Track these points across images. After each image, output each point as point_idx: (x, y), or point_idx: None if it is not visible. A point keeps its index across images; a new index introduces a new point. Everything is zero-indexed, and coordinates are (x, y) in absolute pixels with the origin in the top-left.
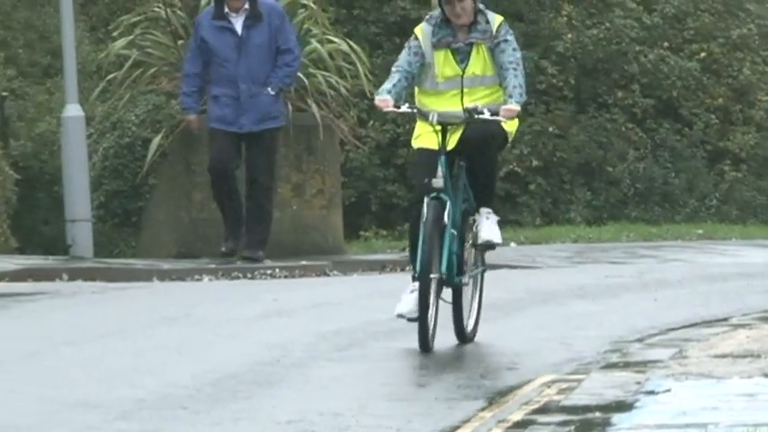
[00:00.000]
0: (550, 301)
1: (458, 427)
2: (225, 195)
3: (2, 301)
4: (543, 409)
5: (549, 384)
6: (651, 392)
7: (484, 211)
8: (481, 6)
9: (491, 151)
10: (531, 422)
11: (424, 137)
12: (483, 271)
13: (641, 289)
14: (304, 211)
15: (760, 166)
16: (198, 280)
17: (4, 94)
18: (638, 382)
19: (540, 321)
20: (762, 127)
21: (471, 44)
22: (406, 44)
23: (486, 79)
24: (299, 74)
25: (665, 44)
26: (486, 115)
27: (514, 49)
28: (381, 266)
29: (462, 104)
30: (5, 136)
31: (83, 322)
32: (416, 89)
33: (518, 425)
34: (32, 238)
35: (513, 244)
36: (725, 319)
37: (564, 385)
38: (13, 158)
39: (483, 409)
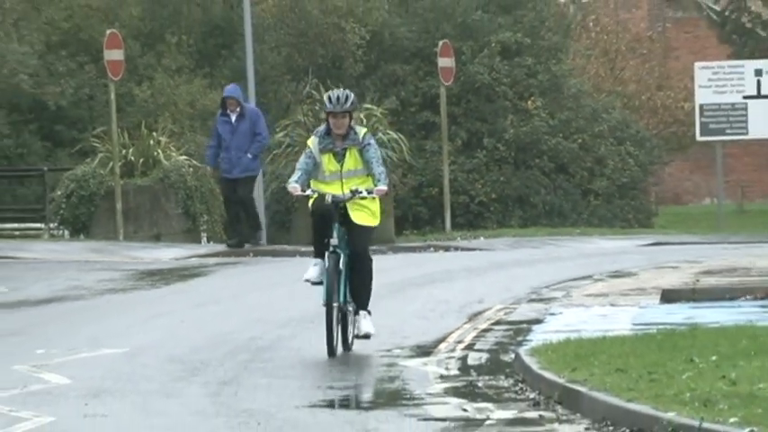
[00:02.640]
0: (501, 268)
1: (452, 332)
2: (232, 210)
3: (218, 267)
4: (497, 323)
5: (500, 310)
6: (552, 314)
7: (362, 313)
8: (352, 123)
9: (370, 274)
10: (491, 329)
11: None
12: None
13: (548, 261)
14: None
15: (609, 198)
16: None
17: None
18: (545, 309)
19: (496, 278)
20: (610, 178)
21: (346, 148)
22: (304, 152)
23: (357, 171)
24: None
25: (561, 135)
26: (365, 194)
27: (375, 149)
28: (414, 249)
29: (342, 189)
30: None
31: (261, 279)
32: (312, 180)
33: (484, 330)
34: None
35: (482, 238)
36: (590, 276)
37: (508, 310)
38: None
39: (465, 323)
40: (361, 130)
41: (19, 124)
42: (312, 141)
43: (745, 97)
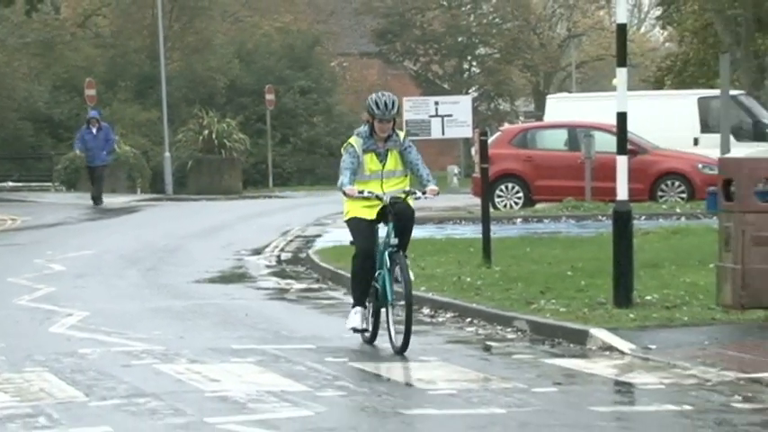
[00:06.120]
0: (299, 207)
1: (273, 241)
2: (92, 185)
3: (146, 207)
4: (297, 237)
5: (298, 230)
6: (327, 232)
7: (403, 257)
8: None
9: (412, 221)
10: (293, 240)
11: (355, 211)
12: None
13: (324, 204)
14: None
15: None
16: (213, 200)
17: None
18: (322, 229)
19: (296, 212)
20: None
21: (387, 150)
22: (346, 150)
23: (396, 172)
24: None
25: (332, 135)
26: (419, 194)
27: (417, 152)
28: (254, 198)
29: (382, 188)
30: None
31: (170, 213)
32: None
33: (290, 241)
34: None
35: (288, 191)
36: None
37: (303, 230)
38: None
39: (279, 237)
40: (401, 133)
41: (37, 129)
42: (356, 141)
43: (429, 116)
